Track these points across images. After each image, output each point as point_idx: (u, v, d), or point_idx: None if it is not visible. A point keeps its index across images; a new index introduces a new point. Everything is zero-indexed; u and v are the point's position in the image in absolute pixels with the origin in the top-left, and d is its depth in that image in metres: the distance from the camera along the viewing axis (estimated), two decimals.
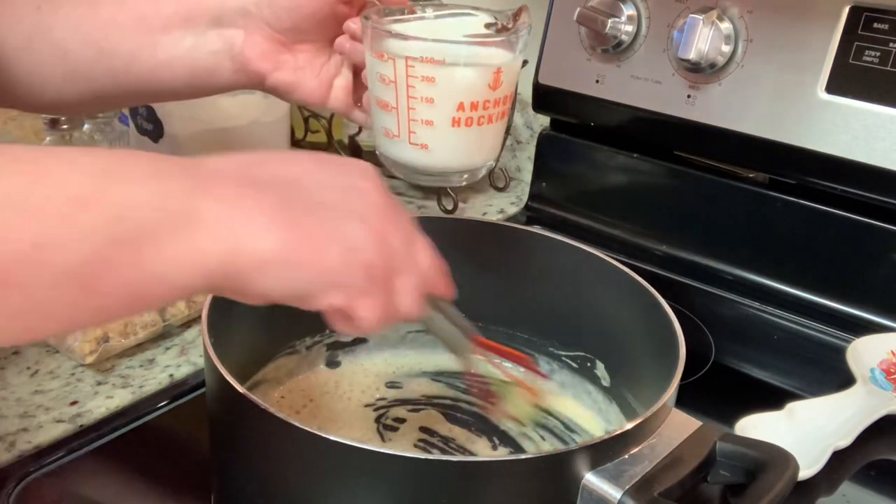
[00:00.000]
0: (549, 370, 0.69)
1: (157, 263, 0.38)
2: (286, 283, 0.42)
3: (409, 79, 0.53)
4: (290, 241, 0.42)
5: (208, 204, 0.39)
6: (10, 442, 0.61)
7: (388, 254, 0.46)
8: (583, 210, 0.99)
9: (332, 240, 0.44)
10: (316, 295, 0.44)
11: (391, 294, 0.46)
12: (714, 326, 0.81)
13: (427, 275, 0.49)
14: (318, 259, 0.43)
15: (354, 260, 0.44)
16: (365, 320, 0.45)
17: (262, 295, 0.42)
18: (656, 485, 0.46)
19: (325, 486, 0.47)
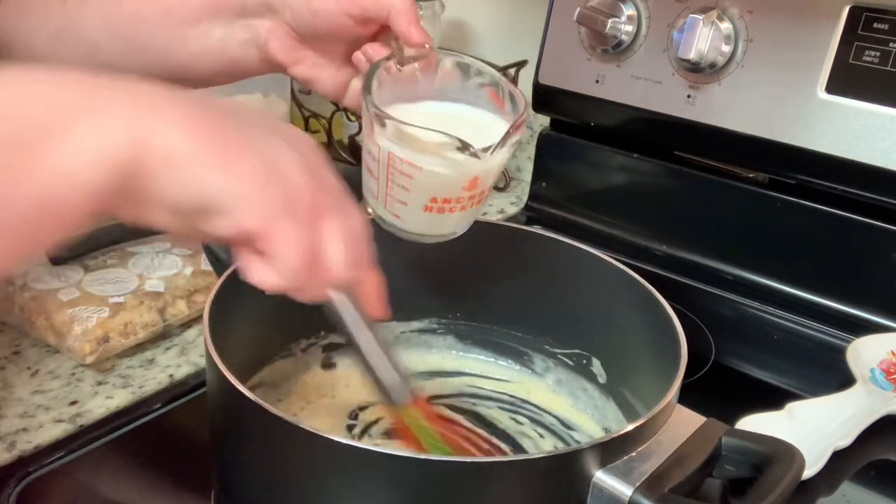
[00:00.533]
0: (544, 368, 0.69)
1: (57, 160, 0.34)
2: (194, 186, 0.37)
3: (390, 168, 0.53)
4: (202, 139, 0.37)
5: (113, 95, 0.37)
6: (10, 442, 0.61)
7: (318, 184, 0.41)
8: (583, 210, 0.99)
9: (253, 148, 0.39)
10: (226, 208, 0.38)
11: (317, 233, 0.41)
12: (714, 326, 0.81)
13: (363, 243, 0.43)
14: (234, 162, 0.38)
15: (277, 175, 0.39)
16: (281, 257, 0.39)
17: (166, 200, 0.37)
18: (666, 481, 0.46)
19: (327, 487, 0.47)
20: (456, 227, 0.58)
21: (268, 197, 0.39)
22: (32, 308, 0.72)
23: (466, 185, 0.53)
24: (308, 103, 1.12)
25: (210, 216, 0.38)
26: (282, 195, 0.39)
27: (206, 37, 0.60)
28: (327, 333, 0.68)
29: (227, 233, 0.39)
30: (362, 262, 0.44)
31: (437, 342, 0.71)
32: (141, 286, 0.75)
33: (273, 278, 0.40)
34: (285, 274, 0.40)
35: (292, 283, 0.41)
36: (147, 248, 0.80)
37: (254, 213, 0.38)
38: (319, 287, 0.43)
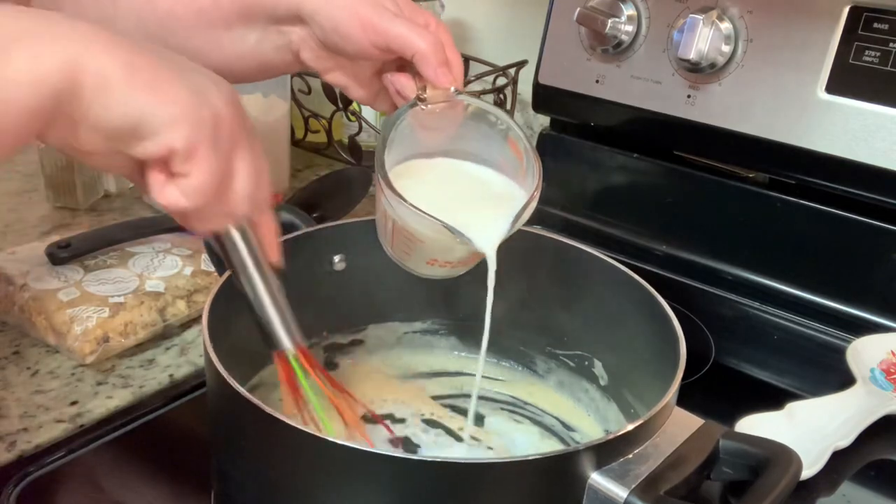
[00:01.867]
0: (545, 369, 0.69)
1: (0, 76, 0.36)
2: (126, 108, 0.39)
3: (395, 228, 0.55)
4: (135, 66, 0.39)
5: (50, 25, 0.39)
6: (10, 442, 0.61)
7: (240, 119, 0.44)
8: (583, 210, 0.99)
9: (182, 78, 0.42)
10: (156, 129, 0.40)
11: (229, 161, 0.43)
12: (714, 326, 0.81)
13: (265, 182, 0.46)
14: (165, 88, 0.40)
15: (205, 102, 0.42)
16: (195, 177, 0.42)
17: (100, 122, 0.39)
18: (662, 483, 0.46)
19: (326, 488, 0.47)
20: (461, 271, 0.60)
21: (196, 120, 0.41)
22: (32, 308, 0.72)
23: (467, 258, 0.56)
24: (308, 103, 1.12)
25: (138, 137, 0.40)
26: (208, 121, 0.42)
27: (242, 41, 0.60)
28: (329, 334, 0.68)
29: (152, 153, 0.41)
30: (263, 201, 0.47)
31: (439, 343, 0.71)
32: (141, 286, 0.75)
33: (180, 199, 0.42)
34: (193, 196, 0.42)
35: (198, 206, 0.43)
36: (147, 248, 0.80)
37: (182, 134, 0.41)
38: (220, 216, 0.45)
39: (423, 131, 0.58)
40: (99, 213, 0.95)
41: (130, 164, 0.43)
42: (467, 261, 0.57)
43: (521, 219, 0.54)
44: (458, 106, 0.58)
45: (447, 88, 0.56)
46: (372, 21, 0.55)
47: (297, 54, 0.60)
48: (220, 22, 0.59)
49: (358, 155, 1.07)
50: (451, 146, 0.60)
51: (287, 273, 0.53)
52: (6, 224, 0.93)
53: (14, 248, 0.80)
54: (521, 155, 0.57)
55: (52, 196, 0.96)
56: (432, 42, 0.55)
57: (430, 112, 0.57)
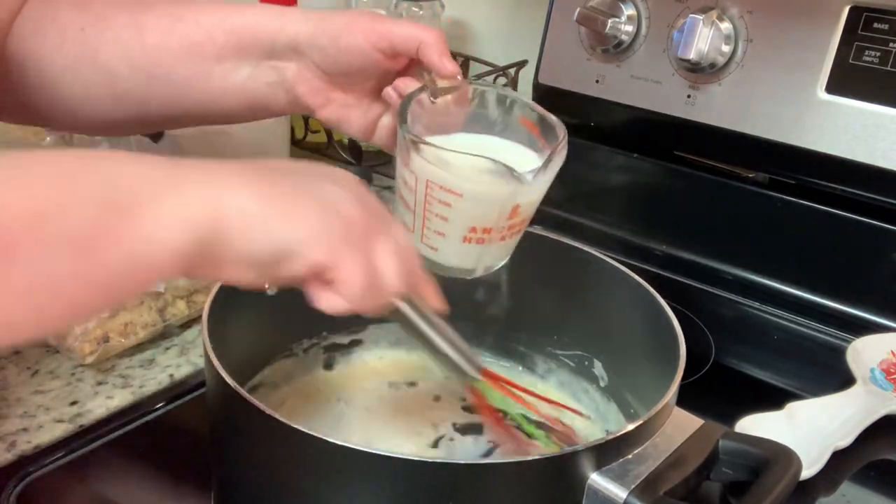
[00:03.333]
0: (545, 369, 0.69)
1: (148, 225, 0.38)
2: (268, 240, 0.42)
3: (428, 196, 0.53)
4: (268, 198, 0.42)
5: (190, 172, 0.41)
6: (11, 442, 0.61)
7: (368, 213, 0.46)
8: (583, 210, 0.99)
9: (310, 196, 0.44)
10: (298, 250, 0.43)
11: (372, 255, 0.46)
12: (714, 326, 0.81)
13: (410, 254, 0.48)
14: (297, 212, 0.43)
15: (333, 212, 0.44)
16: (347, 283, 0.44)
17: (245, 258, 0.42)
18: (661, 484, 0.46)
19: (326, 488, 0.47)
20: (494, 261, 0.57)
21: (330, 233, 0.44)
22: None
23: (508, 214, 0.53)
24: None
25: (283, 262, 0.43)
26: (340, 229, 0.44)
27: (232, 76, 0.60)
28: (329, 334, 0.68)
29: (299, 273, 0.44)
30: (411, 271, 0.49)
31: None
32: None
33: (341, 303, 0.46)
34: (351, 297, 0.45)
35: (358, 304, 0.46)
36: None
37: (322, 250, 0.43)
38: (378, 302, 0.48)
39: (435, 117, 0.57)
40: None
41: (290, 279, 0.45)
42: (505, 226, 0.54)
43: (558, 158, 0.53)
44: (465, 101, 0.57)
45: (453, 77, 0.56)
46: (374, 25, 0.56)
47: (290, 91, 0.60)
48: (212, 56, 0.59)
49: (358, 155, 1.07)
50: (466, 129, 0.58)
51: None
52: None
53: None
54: (536, 130, 0.56)
55: None
56: (435, 33, 0.56)
57: (437, 111, 0.56)
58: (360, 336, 0.70)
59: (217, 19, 0.59)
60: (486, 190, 0.52)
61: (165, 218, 0.39)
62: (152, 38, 0.59)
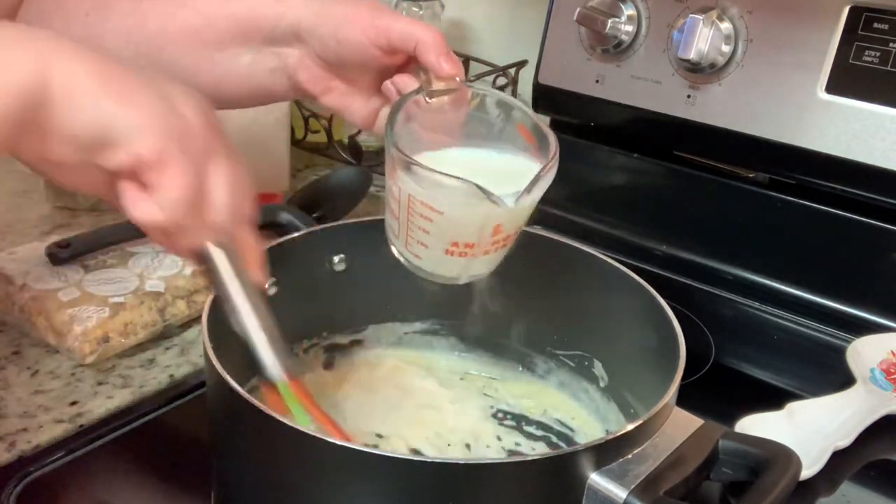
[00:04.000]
0: (545, 369, 0.69)
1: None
2: (94, 117, 0.39)
3: (410, 209, 0.52)
4: (102, 75, 0.40)
5: (20, 33, 0.39)
6: (10, 442, 0.61)
7: (211, 126, 0.43)
8: (583, 210, 0.99)
9: (150, 86, 0.41)
10: (124, 136, 0.40)
11: (205, 175, 0.42)
12: (714, 326, 0.81)
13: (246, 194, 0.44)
14: (131, 95, 0.40)
15: (172, 109, 0.41)
16: (167, 190, 0.41)
17: (69, 131, 0.39)
18: (661, 483, 0.46)
19: (326, 489, 0.47)
20: (479, 270, 0.57)
21: (165, 128, 0.41)
22: (32, 308, 0.72)
23: (490, 232, 0.52)
24: (308, 103, 1.12)
25: (107, 146, 0.40)
26: (178, 130, 0.41)
27: (234, 62, 0.60)
28: (329, 334, 0.68)
29: (121, 162, 0.40)
30: (244, 214, 0.45)
31: (439, 343, 0.71)
32: (141, 286, 0.75)
33: (156, 212, 0.41)
34: (168, 209, 0.41)
35: (173, 220, 0.42)
36: (147, 248, 0.80)
37: (149, 142, 0.40)
38: (199, 231, 0.44)
39: (427, 133, 0.56)
40: (99, 213, 0.95)
41: (104, 180, 0.42)
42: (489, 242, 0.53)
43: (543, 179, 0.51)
44: (462, 103, 0.56)
45: (451, 78, 0.55)
46: (373, 21, 0.55)
47: (292, 77, 0.60)
48: (214, 42, 0.59)
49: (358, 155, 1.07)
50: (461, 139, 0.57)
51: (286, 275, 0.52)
52: (6, 224, 0.93)
53: (14, 248, 0.80)
54: (532, 139, 0.55)
55: (52, 196, 0.96)
56: (433, 32, 0.55)
57: (433, 111, 0.56)
58: (360, 336, 0.70)
59: (217, 5, 0.59)
60: (465, 211, 0.51)
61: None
62: (154, 24, 0.59)
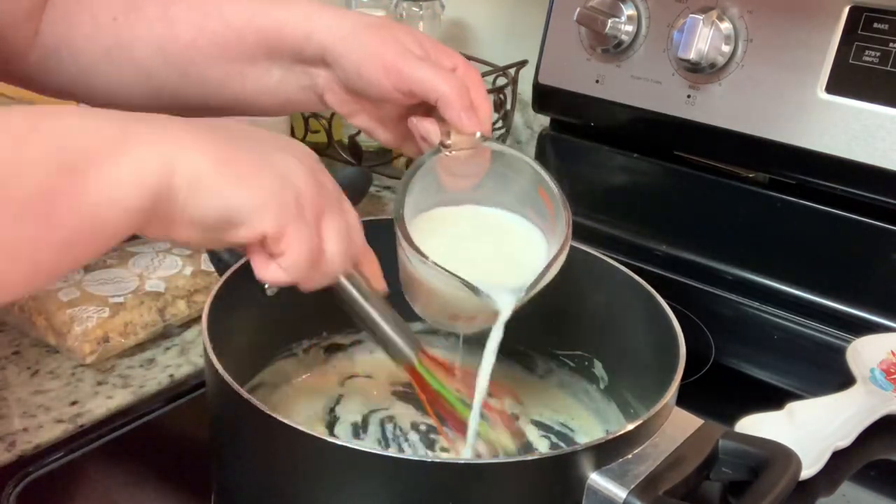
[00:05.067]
0: (545, 369, 0.69)
1: (102, 185, 0.39)
2: (217, 203, 0.42)
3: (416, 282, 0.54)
4: (221, 161, 0.42)
5: (142, 128, 0.41)
6: (10, 442, 0.61)
7: (319, 187, 0.46)
8: (582, 210, 0.99)
9: (264, 163, 0.44)
10: (247, 217, 0.43)
11: (319, 232, 0.46)
12: (714, 326, 0.81)
13: (357, 234, 0.49)
14: (249, 178, 0.43)
15: (287, 184, 0.44)
16: (290, 254, 0.45)
17: (195, 218, 0.42)
18: (661, 483, 0.46)
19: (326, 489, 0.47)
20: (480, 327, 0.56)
21: (281, 204, 0.44)
22: (32, 308, 0.72)
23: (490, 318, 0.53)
24: None
25: (231, 227, 0.43)
26: (292, 201, 0.44)
27: (265, 77, 0.60)
28: (329, 334, 0.68)
29: (245, 240, 0.44)
30: (356, 252, 0.50)
31: (439, 343, 0.71)
32: (141, 286, 0.75)
33: (282, 275, 0.46)
34: (292, 271, 0.46)
35: (296, 278, 0.46)
36: (147, 248, 0.80)
37: (270, 220, 0.43)
38: (320, 279, 0.48)
39: (449, 178, 0.57)
40: None
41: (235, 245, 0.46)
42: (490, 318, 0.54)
43: (545, 278, 0.52)
44: (485, 152, 0.56)
45: (472, 134, 0.54)
46: (396, 65, 0.54)
47: (321, 96, 0.60)
48: (244, 56, 0.59)
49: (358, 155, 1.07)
50: (480, 193, 0.58)
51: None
52: None
53: None
54: (550, 205, 0.55)
55: None
56: (457, 86, 0.54)
57: (455, 158, 0.55)
58: (360, 336, 0.70)
59: (245, 18, 0.58)
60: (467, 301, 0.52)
61: (119, 177, 0.39)
62: (184, 35, 0.59)
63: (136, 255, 0.79)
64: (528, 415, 0.66)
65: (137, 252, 0.79)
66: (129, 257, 0.79)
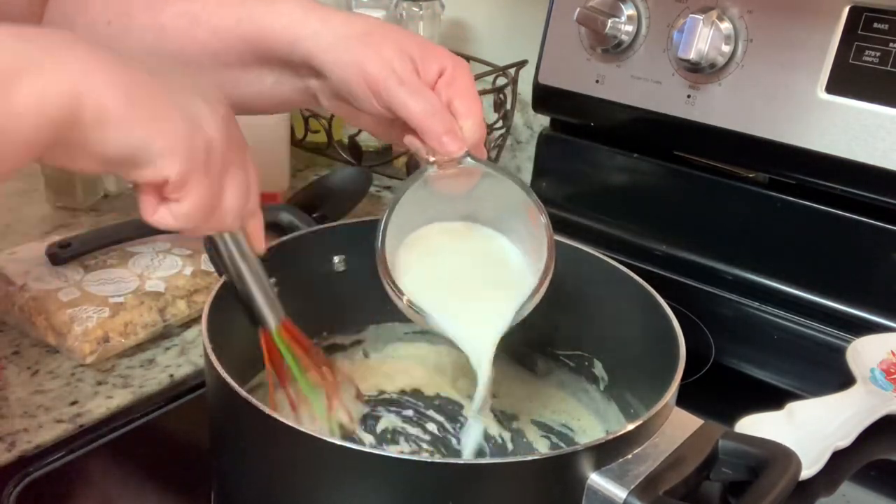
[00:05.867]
0: (545, 369, 0.69)
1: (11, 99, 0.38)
2: (124, 140, 0.41)
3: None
4: (133, 97, 0.41)
5: (44, 49, 0.40)
6: (10, 442, 0.61)
7: (230, 140, 0.45)
8: (583, 210, 0.99)
9: (178, 107, 0.43)
10: (151, 160, 0.42)
11: (220, 186, 0.45)
12: (714, 326, 0.81)
13: (254, 192, 0.48)
14: (160, 118, 0.42)
15: (197, 130, 0.43)
16: (186, 203, 0.44)
17: (98, 152, 0.41)
18: (661, 484, 0.46)
19: (326, 489, 0.47)
20: None
21: (189, 151, 0.43)
22: (32, 308, 0.72)
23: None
24: None
25: (134, 165, 0.42)
26: (201, 149, 0.43)
27: (259, 82, 0.60)
28: (329, 334, 0.68)
29: (146, 180, 0.43)
30: (251, 210, 0.49)
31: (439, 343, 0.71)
32: (141, 286, 0.75)
33: (171, 221, 0.45)
34: (183, 220, 0.44)
35: (185, 227, 0.45)
36: (147, 248, 0.80)
37: (175, 166, 0.42)
38: (207, 230, 0.47)
39: (438, 194, 0.57)
40: (99, 213, 0.95)
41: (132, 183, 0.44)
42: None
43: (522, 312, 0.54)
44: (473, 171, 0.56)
45: (453, 156, 0.54)
46: (377, 87, 0.54)
47: (317, 99, 0.60)
48: (236, 62, 0.59)
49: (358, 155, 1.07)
50: (470, 208, 0.59)
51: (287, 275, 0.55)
52: (6, 224, 0.93)
53: (14, 248, 0.80)
54: (537, 227, 0.56)
55: (52, 196, 0.96)
56: (434, 111, 0.54)
57: (443, 175, 0.55)
58: (360, 336, 0.70)
59: (231, 25, 0.58)
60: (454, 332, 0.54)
61: (21, 100, 0.38)
62: (174, 44, 0.59)
63: (136, 255, 0.79)
64: (529, 415, 0.66)
65: (137, 252, 0.79)
66: (129, 257, 0.79)
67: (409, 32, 0.59)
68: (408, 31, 0.59)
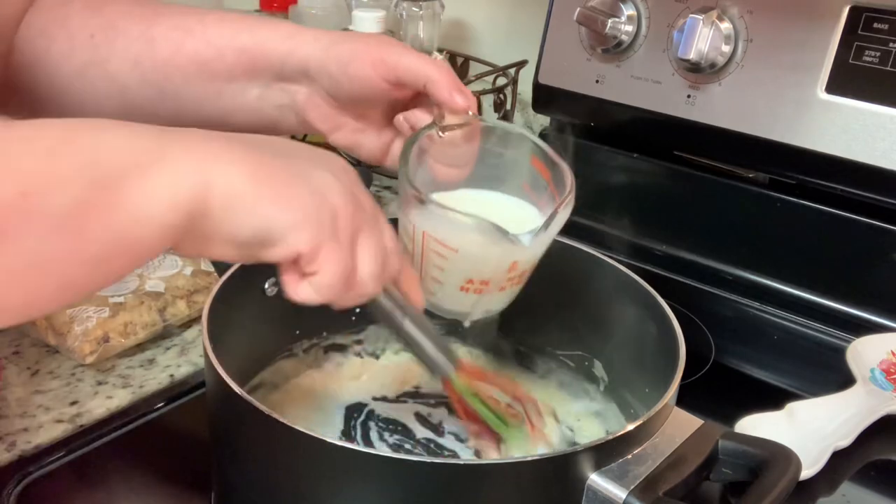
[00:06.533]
0: (545, 369, 0.69)
1: (134, 201, 0.38)
2: (253, 221, 0.42)
3: (425, 247, 0.53)
4: (258, 178, 0.42)
5: (176, 144, 0.41)
6: (10, 442, 0.61)
7: (356, 206, 0.45)
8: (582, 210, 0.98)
9: (301, 181, 0.44)
10: (282, 236, 0.42)
11: (354, 250, 0.45)
12: (714, 326, 0.81)
13: (392, 256, 0.48)
14: (286, 196, 0.42)
15: (323, 201, 0.44)
16: (323, 275, 0.44)
17: (230, 235, 0.42)
18: (661, 484, 0.46)
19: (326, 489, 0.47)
20: (493, 306, 0.57)
21: (317, 223, 0.43)
22: None
23: (506, 269, 0.53)
24: None
25: (267, 245, 0.43)
26: (328, 220, 0.44)
27: (242, 95, 0.60)
28: (329, 334, 0.68)
29: (280, 258, 0.44)
30: (391, 273, 0.49)
31: None
32: (141, 286, 0.75)
33: (314, 295, 0.45)
34: (324, 291, 0.45)
35: (329, 299, 0.46)
36: None
37: (305, 239, 0.43)
38: (353, 300, 0.47)
39: (441, 167, 0.57)
40: None
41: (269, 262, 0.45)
42: (504, 279, 0.54)
43: (560, 215, 0.53)
44: (476, 135, 0.56)
45: (465, 111, 0.55)
46: (382, 56, 0.55)
47: (300, 114, 0.60)
48: (222, 74, 0.59)
49: None
50: (473, 179, 0.58)
51: None
52: None
53: None
54: (546, 173, 0.55)
55: None
56: (444, 69, 0.55)
57: (447, 144, 0.55)
58: (360, 336, 0.70)
59: (227, 37, 0.58)
60: (482, 250, 0.51)
61: (153, 193, 0.39)
62: (163, 52, 0.59)
63: None
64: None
65: None
66: None
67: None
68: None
